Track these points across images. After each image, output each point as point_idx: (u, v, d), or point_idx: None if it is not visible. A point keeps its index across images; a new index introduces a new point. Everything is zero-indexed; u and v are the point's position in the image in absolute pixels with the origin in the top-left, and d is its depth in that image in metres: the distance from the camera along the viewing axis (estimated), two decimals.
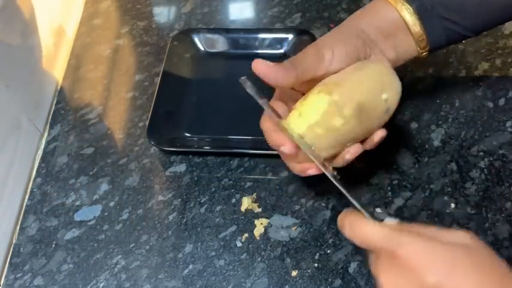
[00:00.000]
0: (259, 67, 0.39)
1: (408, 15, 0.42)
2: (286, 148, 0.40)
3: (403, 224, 0.35)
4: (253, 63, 0.40)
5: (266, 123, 0.43)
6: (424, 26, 0.42)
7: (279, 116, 0.41)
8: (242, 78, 0.42)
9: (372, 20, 0.43)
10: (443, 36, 0.43)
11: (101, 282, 0.47)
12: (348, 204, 0.50)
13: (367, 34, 0.42)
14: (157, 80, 0.59)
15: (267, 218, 0.50)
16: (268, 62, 0.40)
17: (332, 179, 0.39)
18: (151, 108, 0.56)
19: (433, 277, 0.30)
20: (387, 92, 0.41)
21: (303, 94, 0.42)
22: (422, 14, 0.42)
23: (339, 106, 0.39)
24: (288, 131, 0.40)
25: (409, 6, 0.42)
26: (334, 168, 0.42)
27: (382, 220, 0.35)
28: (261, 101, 0.41)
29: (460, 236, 0.32)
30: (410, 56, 0.44)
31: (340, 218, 0.37)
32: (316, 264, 0.46)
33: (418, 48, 0.43)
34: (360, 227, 0.35)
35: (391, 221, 0.35)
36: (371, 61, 0.42)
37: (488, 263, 0.31)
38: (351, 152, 0.40)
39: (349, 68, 0.41)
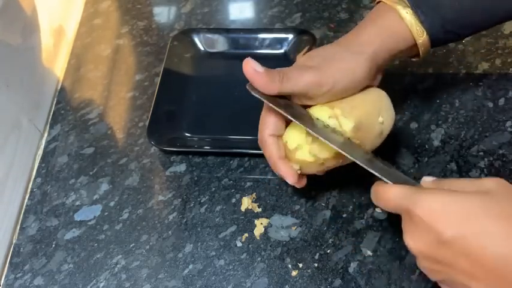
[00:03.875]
0: (248, 69, 0.40)
1: (421, 37, 0.42)
2: (292, 182, 0.43)
3: (440, 180, 0.35)
4: (244, 62, 0.40)
5: (270, 147, 0.43)
6: (431, 41, 0.43)
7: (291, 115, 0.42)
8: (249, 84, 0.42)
9: (386, 44, 0.42)
10: (443, 42, 0.45)
11: (101, 282, 0.47)
12: (348, 205, 0.51)
13: (378, 65, 0.42)
14: (157, 80, 0.59)
15: (267, 218, 0.50)
16: (257, 65, 0.40)
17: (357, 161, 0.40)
18: (151, 108, 0.56)
19: (450, 231, 0.30)
20: (383, 116, 0.43)
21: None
22: (432, 32, 0.42)
23: (339, 120, 0.41)
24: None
25: (421, 25, 0.41)
26: None
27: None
28: (272, 103, 0.41)
29: (486, 183, 0.32)
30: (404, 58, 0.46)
31: (371, 189, 0.38)
32: (316, 264, 0.46)
33: (420, 54, 0.44)
34: (382, 190, 0.36)
35: (427, 179, 0.36)
36: (372, 88, 0.44)
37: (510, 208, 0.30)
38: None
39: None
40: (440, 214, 0.31)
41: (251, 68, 0.40)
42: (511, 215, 0.30)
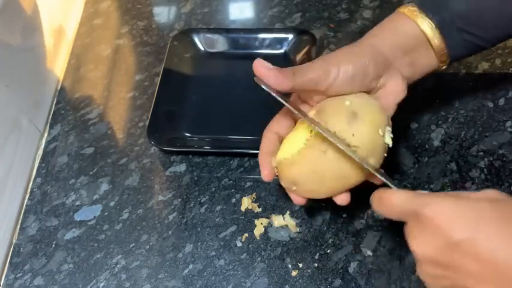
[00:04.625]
0: (259, 69, 0.40)
1: (429, 29, 0.41)
2: (263, 174, 0.43)
3: (434, 193, 0.35)
4: (254, 63, 0.40)
5: (264, 140, 0.44)
6: (444, 39, 0.42)
7: (303, 113, 0.42)
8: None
9: (390, 37, 0.42)
10: (463, 48, 0.43)
11: (101, 282, 0.47)
12: (348, 205, 0.51)
13: (383, 55, 0.42)
14: (157, 80, 0.59)
15: (267, 218, 0.50)
16: (268, 64, 0.40)
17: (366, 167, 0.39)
18: (151, 108, 0.56)
19: (460, 234, 0.30)
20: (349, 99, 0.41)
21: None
22: (443, 27, 0.41)
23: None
24: (311, 127, 0.40)
25: (429, 20, 0.41)
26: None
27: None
28: (281, 98, 0.41)
29: (487, 192, 0.32)
30: (430, 69, 0.44)
31: (371, 196, 0.37)
32: (316, 264, 0.46)
33: (439, 62, 0.43)
34: (386, 196, 0.35)
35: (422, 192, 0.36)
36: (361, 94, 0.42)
37: None
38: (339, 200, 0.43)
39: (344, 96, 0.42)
40: (451, 216, 0.30)
41: (263, 67, 0.40)
42: None
